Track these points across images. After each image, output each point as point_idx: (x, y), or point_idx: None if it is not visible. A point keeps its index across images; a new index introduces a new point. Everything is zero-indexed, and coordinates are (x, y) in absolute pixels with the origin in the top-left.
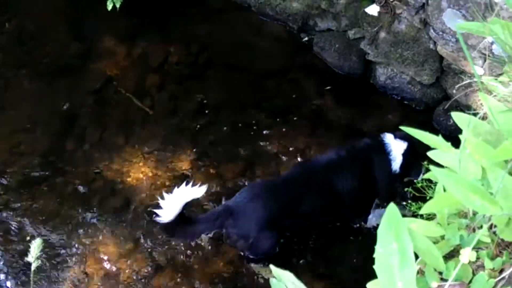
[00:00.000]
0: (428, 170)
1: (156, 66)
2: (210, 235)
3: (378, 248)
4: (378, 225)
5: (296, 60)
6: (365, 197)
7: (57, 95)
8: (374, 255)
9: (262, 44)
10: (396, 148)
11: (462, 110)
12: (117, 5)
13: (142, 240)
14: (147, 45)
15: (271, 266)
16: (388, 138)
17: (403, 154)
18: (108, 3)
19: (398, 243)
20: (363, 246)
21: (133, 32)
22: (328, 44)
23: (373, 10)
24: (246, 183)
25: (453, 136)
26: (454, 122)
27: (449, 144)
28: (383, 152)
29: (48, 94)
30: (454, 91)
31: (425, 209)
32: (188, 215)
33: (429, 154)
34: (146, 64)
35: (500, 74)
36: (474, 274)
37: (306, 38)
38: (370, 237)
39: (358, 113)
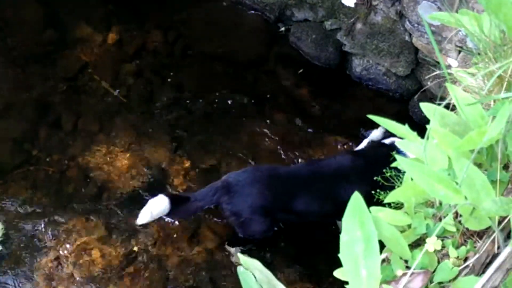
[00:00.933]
0: (395, 159)
1: (132, 54)
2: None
3: (343, 236)
4: None
5: (273, 50)
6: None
7: (31, 82)
8: (340, 243)
9: (239, 33)
10: None
11: (435, 101)
12: None
13: (115, 228)
14: (123, 32)
15: (239, 255)
16: None
17: None
18: None
19: (362, 231)
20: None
21: (109, 19)
22: (305, 34)
23: (349, 1)
24: (221, 175)
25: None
26: None
27: (415, 133)
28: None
29: (22, 81)
30: (429, 83)
31: (391, 197)
32: (185, 194)
33: (397, 143)
34: (121, 51)
35: None
36: (439, 263)
37: (283, 28)
38: None
39: (334, 103)
